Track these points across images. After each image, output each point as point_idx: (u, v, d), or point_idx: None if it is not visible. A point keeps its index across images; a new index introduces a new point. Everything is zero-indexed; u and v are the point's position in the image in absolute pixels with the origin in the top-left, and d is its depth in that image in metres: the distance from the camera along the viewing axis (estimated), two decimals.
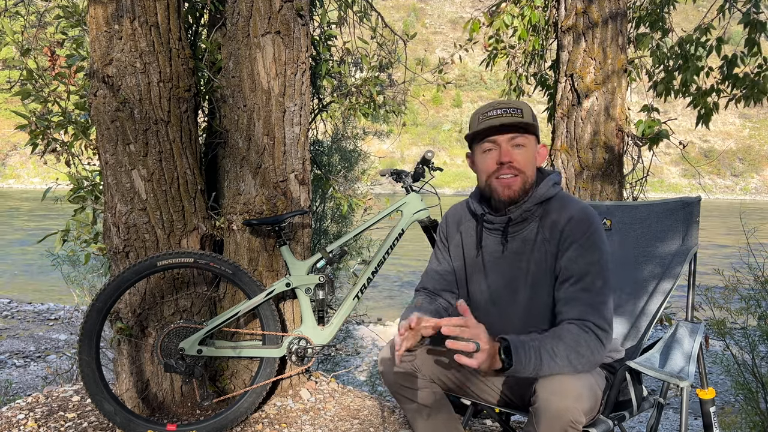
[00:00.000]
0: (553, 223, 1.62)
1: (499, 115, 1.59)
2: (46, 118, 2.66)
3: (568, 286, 1.57)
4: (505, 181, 1.61)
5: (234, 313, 2.49)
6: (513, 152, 1.60)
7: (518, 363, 1.42)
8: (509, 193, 1.62)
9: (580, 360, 1.45)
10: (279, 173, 2.65)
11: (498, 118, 1.59)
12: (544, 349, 1.44)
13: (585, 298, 1.53)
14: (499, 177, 1.62)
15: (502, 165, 1.60)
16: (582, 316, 1.51)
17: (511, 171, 1.60)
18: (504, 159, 1.60)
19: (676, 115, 4.26)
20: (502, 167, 1.60)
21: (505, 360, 1.43)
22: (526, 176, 1.62)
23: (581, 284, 1.55)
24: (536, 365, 1.43)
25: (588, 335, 1.48)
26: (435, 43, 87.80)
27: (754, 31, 3.98)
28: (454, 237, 1.84)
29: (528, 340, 1.45)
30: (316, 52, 3.40)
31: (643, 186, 4.16)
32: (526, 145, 1.61)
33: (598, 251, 1.57)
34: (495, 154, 1.62)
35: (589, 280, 1.55)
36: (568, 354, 1.44)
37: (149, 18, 2.38)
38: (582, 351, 1.45)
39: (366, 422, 2.66)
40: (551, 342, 1.46)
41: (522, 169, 1.61)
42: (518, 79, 4.82)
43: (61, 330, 7.75)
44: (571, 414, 1.38)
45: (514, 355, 1.41)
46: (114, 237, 2.49)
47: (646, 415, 2.31)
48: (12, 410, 2.62)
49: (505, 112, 1.59)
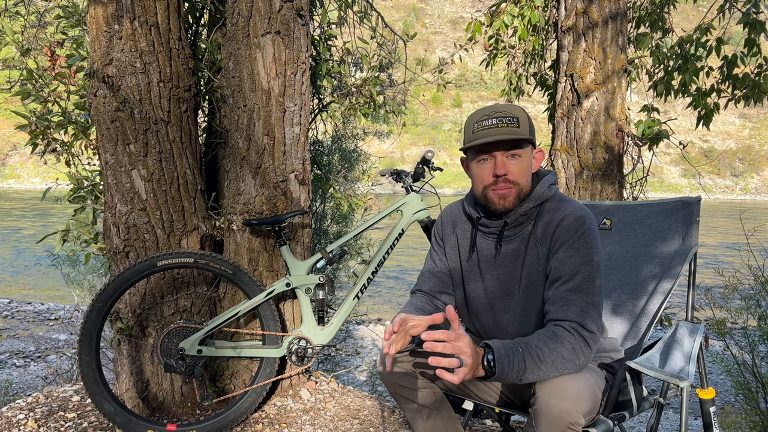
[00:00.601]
0: (546, 225, 1.61)
1: (495, 126, 1.56)
2: (46, 118, 2.66)
3: (557, 286, 1.55)
4: (501, 192, 1.60)
5: (234, 313, 2.49)
6: (508, 164, 1.58)
7: (501, 372, 1.38)
8: (504, 203, 1.61)
9: (566, 364, 1.43)
10: (279, 173, 2.65)
11: (494, 129, 1.55)
12: (529, 355, 1.41)
13: (573, 299, 1.51)
14: (495, 189, 1.60)
15: (498, 177, 1.58)
16: (569, 318, 1.49)
17: (506, 183, 1.59)
18: (499, 172, 1.57)
19: (676, 115, 4.26)
20: (498, 180, 1.59)
21: (488, 369, 1.39)
22: (521, 187, 1.61)
23: (570, 284, 1.53)
24: (519, 372, 1.40)
25: (574, 338, 1.46)
26: (435, 43, 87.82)
27: (753, 31, 3.98)
28: (450, 238, 1.82)
29: (512, 347, 1.42)
30: (316, 52, 3.40)
31: (643, 186, 4.16)
32: (521, 155, 1.59)
33: (590, 252, 1.55)
34: (490, 165, 1.59)
35: (579, 281, 1.53)
36: (554, 359, 1.42)
37: (149, 18, 2.38)
38: (567, 355, 1.43)
39: (366, 422, 2.66)
40: (536, 347, 1.43)
41: (517, 180, 1.59)
42: (518, 79, 4.82)
43: (61, 330, 7.75)
44: (571, 416, 1.37)
45: (498, 363, 1.38)
46: (114, 237, 2.49)
47: (646, 415, 2.31)
48: (12, 410, 2.62)
49: (501, 122, 1.56)
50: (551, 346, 1.43)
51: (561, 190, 3.59)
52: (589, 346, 1.47)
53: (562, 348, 1.44)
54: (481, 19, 4.46)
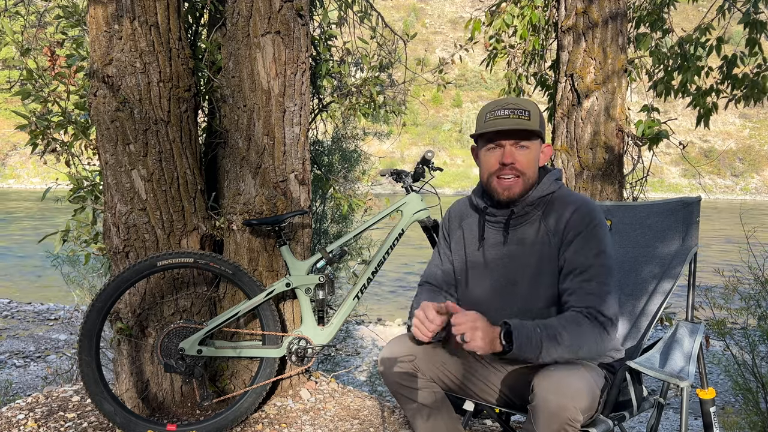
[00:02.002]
0: (558, 217, 1.64)
1: (507, 116, 1.60)
2: (46, 118, 2.66)
3: (572, 278, 1.58)
4: (506, 182, 1.63)
5: (234, 313, 2.49)
6: (516, 153, 1.62)
7: (518, 348, 1.43)
8: (509, 194, 1.65)
9: (583, 348, 1.47)
10: (279, 173, 2.64)
11: (505, 119, 1.60)
12: (547, 335, 1.45)
13: (590, 288, 1.55)
14: (501, 177, 1.64)
15: (504, 165, 1.62)
16: (587, 304, 1.53)
17: (512, 172, 1.63)
18: (506, 160, 1.62)
19: (676, 115, 4.26)
20: (504, 167, 1.63)
21: (506, 345, 1.44)
22: (527, 177, 1.64)
23: (586, 275, 1.56)
24: (537, 349, 1.44)
25: (592, 323, 1.49)
26: (435, 43, 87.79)
27: (754, 31, 3.97)
28: (456, 232, 1.85)
29: (531, 326, 1.47)
30: (316, 52, 3.40)
31: (643, 186, 4.16)
32: (529, 146, 1.63)
33: (602, 243, 1.59)
34: (498, 153, 1.64)
35: (594, 272, 1.56)
36: (572, 341, 1.46)
37: (149, 18, 2.38)
38: (586, 338, 1.47)
39: (366, 422, 2.66)
40: (555, 328, 1.47)
41: (524, 170, 1.63)
42: (518, 79, 4.81)
43: (61, 330, 7.75)
44: (569, 412, 1.38)
45: (515, 339, 1.42)
46: (114, 237, 2.49)
47: (646, 415, 2.31)
48: (12, 410, 2.62)
49: (513, 113, 1.60)
50: (571, 329, 1.47)
51: None
52: (608, 333, 1.51)
53: (582, 332, 1.47)
54: (481, 18, 4.46)
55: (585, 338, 1.47)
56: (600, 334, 1.49)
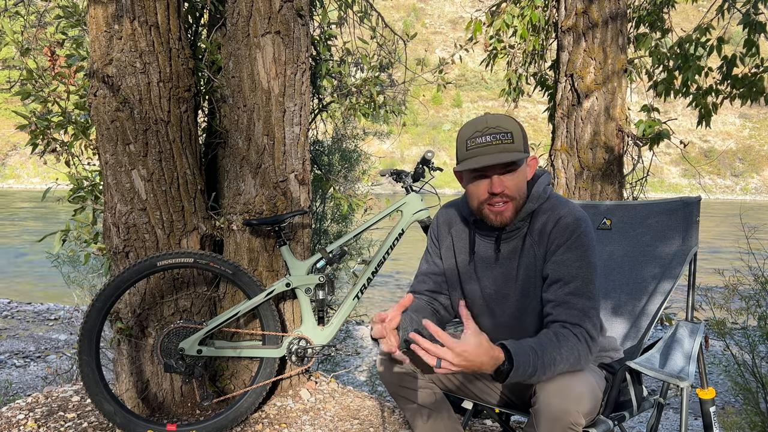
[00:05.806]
0: (542, 226, 1.61)
1: (489, 143, 1.51)
2: (46, 118, 2.66)
3: (557, 289, 1.55)
4: (497, 209, 1.58)
5: (234, 313, 2.49)
6: (504, 181, 1.55)
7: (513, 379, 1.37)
8: (501, 219, 1.60)
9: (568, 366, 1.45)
10: (279, 173, 2.65)
11: (488, 147, 1.52)
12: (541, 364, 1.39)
13: (575, 302, 1.51)
14: (491, 204, 1.58)
15: (494, 195, 1.56)
16: (576, 321, 1.49)
17: (503, 199, 1.57)
18: (496, 190, 1.55)
19: (676, 115, 4.27)
20: (494, 197, 1.57)
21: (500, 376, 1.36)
22: (518, 200, 1.59)
23: (571, 287, 1.53)
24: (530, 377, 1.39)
25: (581, 344, 1.47)
26: (435, 43, 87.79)
27: (753, 31, 3.97)
28: (446, 239, 1.81)
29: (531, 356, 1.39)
30: (316, 52, 3.40)
31: (643, 186, 4.16)
32: (517, 170, 1.57)
33: (587, 254, 1.55)
34: (486, 183, 1.57)
35: (579, 284, 1.52)
36: (564, 364, 1.43)
37: (149, 18, 2.38)
38: (574, 359, 1.45)
39: (366, 422, 2.65)
40: (551, 351, 1.42)
41: (514, 195, 1.57)
42: (518, 79, 4.81)
43: (61, 330, 7.75)
44: (572, 416, 1.38)
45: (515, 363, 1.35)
46: (114, 237, 2.49)
47: (646, 415, 2.31)
48: (12, 410, 2.62)
49: (495, 138, 1.51)
50: (564, 353, 1.43)
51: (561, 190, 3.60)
52: (591, 352, 1.50)
53: (571, 354, 1.44)
54: (481, 18, 4.46)
55: (573, 359, 1.45)
56: (586, 354, 1.48)
